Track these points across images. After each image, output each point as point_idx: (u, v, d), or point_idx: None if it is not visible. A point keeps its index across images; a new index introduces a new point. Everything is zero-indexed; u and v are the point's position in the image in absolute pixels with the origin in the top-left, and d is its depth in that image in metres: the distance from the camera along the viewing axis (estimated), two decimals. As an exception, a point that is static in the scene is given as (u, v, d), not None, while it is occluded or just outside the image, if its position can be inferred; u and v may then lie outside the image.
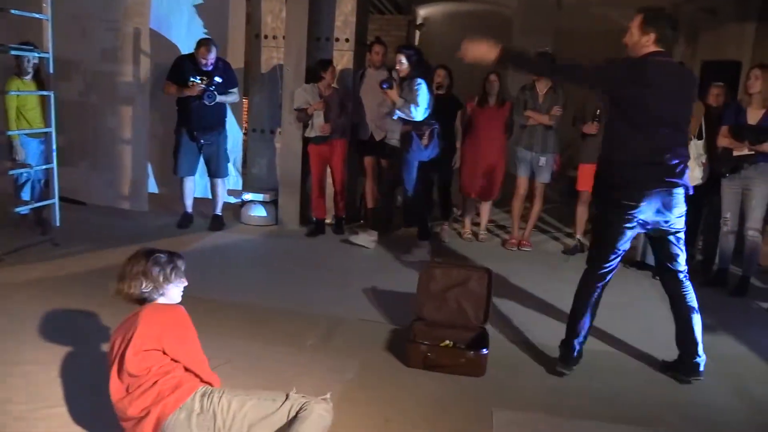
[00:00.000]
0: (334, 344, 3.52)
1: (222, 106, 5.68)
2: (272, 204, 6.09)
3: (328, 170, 5.92)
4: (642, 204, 3.07)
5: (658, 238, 3.28)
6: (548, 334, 3.83)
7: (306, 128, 5.78)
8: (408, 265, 5.06)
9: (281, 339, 3.52)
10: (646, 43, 3.06)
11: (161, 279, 2.28)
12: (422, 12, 11.65)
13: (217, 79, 5.48)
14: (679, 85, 3.12)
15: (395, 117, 5.25)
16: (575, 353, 3.30)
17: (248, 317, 3.80)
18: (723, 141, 4.85)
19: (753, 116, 4.79)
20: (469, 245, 5.91)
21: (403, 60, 5.13)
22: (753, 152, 4.71)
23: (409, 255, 5.38)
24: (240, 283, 4.53)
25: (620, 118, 3.11)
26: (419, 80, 5.11)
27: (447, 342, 3.38)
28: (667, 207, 3.11)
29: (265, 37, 6.22)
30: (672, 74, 3.09)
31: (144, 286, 2.26)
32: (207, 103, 5.43)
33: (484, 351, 3.18)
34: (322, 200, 5.96)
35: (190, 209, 5.87)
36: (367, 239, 5.53)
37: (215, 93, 5.44)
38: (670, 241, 3.24)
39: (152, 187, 6.58)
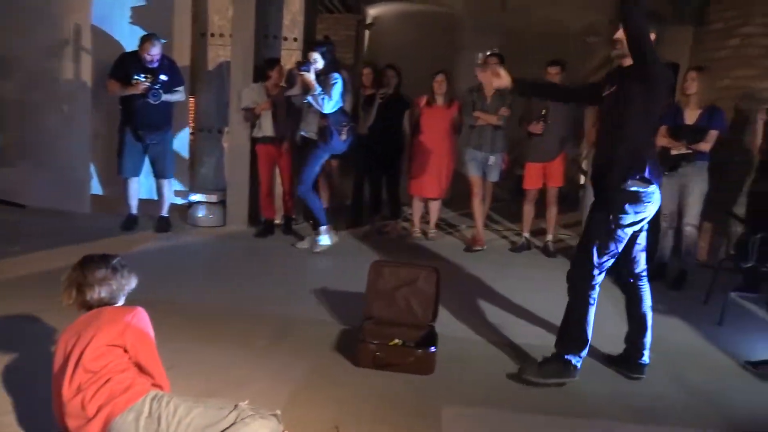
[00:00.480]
0: (283, 345, 3.49)
1: (168, 105, 5.56)
2: (220, 205, 6.01)
3: (277, 170, 5.88)
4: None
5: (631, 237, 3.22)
6: (496, 330, 3.91)
7: (254, 128, 5.72)
8: (358, 264, 5.05)
9: (229, 340, 3.47)
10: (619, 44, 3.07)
11: (122, 284, 2.30)
12: (372, 11, 11.66)
13: (163, 77, 5.34)
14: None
15: (305, 101, 5.10)
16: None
17: (195, 319, 3.74)
18: (662, 141, 5.03)
19: (690, 116, 4.99)
20: (417, 244, 5.95)
21: (318, 57, 5.02)
22: (690, 151, 4.90)
23: (360, 254, 5.39)
24: (186, 284, 4.45)
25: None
26: (336, 75, 5.03)
27: (396, 341, 3.40)
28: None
29: (212, 35, 6.12)
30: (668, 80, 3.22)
31: (104, 293, 2.26)
32: (152, 101, 5.30)
33: (433, 349, 3.22)
34: (270, 200, 5.91)
35: (135, 211, 5.74)
36: (324, 240, 5.40)
37: (160, 91, 5.31)
38: (637, 241, 3.25)
39: (96, 188, 6.40)
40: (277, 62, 5.72)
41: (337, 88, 5.01)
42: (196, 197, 6.03)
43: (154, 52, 5.27)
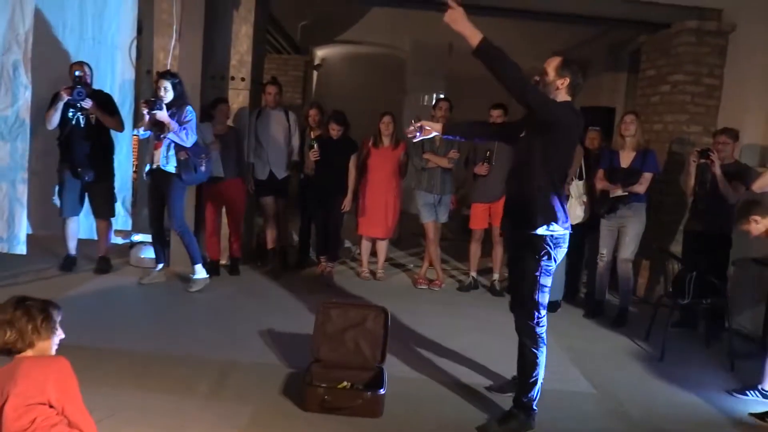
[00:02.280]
0: (227, 390, 3.40)
1: (107, 142, 5.42)
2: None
3: (223, 210, 5.81)
4: None
5: None
6: (445, 370, 3.90)
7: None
8: (306, 304, 5.01)
9: (170, 387, 3.35)
10: (561, 86, 3.14)
11: (29, 330, 2.11)
12: (320, 53, 11.81)
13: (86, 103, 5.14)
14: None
15: (162, 137, 5.00)
16: None
17: (134, 365, 3.60)
18: (599, 183, 5.22)
19: (625, 159, 5.20)
20: (366, 284, 5.93)
21: (168, 87, 4.95)
22: (626, 193, 5.10)
23: (308, 294, 5.33)
24: (126, 328, 4.28)
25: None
26: (190, 109, 5.04)
27: (344, 383, 3.35)
28: None
29: (157, 74, 6.05)
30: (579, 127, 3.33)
31: (7, 336, 2.09)
32: (78, 100, 5.05)
33: (381, 391, 3.18)
34: (216, 240, 5.81)
35: (73, 251, 5.53)
36: (200, 274, 5.26)
37: (84, 91, 5.05)
38: None
39: (33, 227, 6.15)
40: (223, 101, 5.69)
41: (194, 121, 5.05)
42: (138, 237, 5.86)
43: (86, 71, 5.16)
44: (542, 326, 3.18)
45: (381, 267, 6.17)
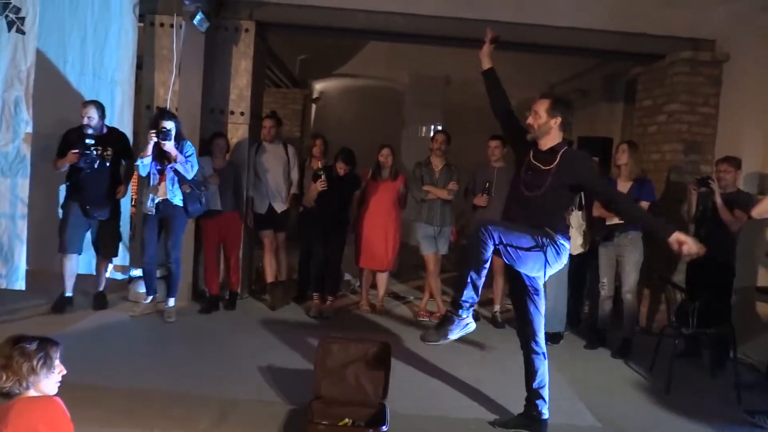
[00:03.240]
0: (228, 428, 3.34)
1: (118, 180, 5.42)
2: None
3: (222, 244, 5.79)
4: None
5: None
6: (448, 404, 3.84)
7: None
8: (306, 339, 4.95)
9: (170, 425, 3.30)
10: (554, 125, 3.30)
11: (25, 371, 2.05)
12: (318, 86, 11.92)
13: (101, 149, 5.14)
14: None
15: (168, 168, 5.09)
16: None
17: (133, 403, 3.54)
18: (597, 211, 5.22)
19: (622, 188, 5.21)
20: (367, 317, 5.88)
21: (172, 126, 5.01)
22: (623, 222, 5.09)
23: (307, 329, 5.28)
24: (125, 365, 4.22)
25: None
26: (189, 143, 5.18)
27: (346, 420, 3.30)
28: None
29: (157, 108, 6.10)
30: None
31: (3, 380, 2.04)
32: (84, 167, 5.08)
33: (384, 428, 3.13)
34: (215, 275, 5.78)
35: (70, 291, 5.36)
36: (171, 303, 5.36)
37: (93, 156, 5.08)
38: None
39: (29, 262, 6.11)
40: (221, 136, 5.71)
41: (195, 156, 5.19)
42: (137, 272, 5.83)
43: (92, 114, 5.15)
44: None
45: (381, 300, 6.13)
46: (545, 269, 3.26)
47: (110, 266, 5.75)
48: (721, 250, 4.81)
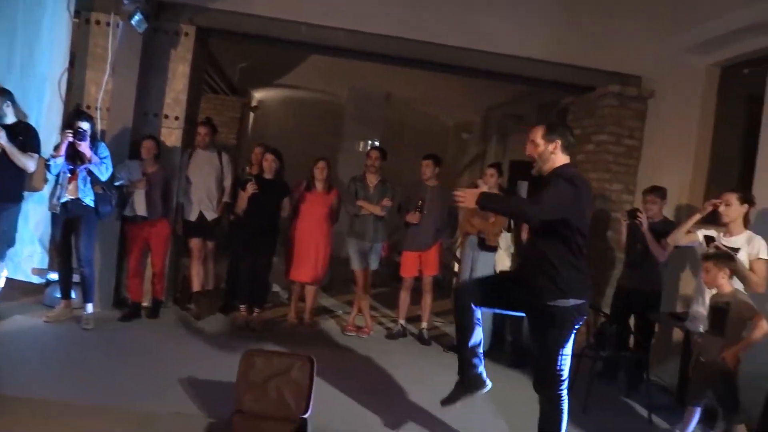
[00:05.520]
0: (142, 442, 3.23)
1: (12, 176, 4.95)
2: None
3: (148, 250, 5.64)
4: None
5: None
6: (371, 421, 3.84)
7: (125, 206, 5.47)
8: (230, 351, 4.86)
9: (80, 439, 3.17)
10: (554, 150, 3.22)
11: None
12: (257, 95, 11.82)
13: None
14: (591, 199, 3.38)
15: (79, 169, 5.00)
16: None
17: (47, 415, 3.38)
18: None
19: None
20: (294, 330, 5.83)
21: (88, 127, 4.96)
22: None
23: (232, 341, 5.18)
24: (36, 375, 4.03)
25: (573, 232, 3.13)
26: (104, 144, 5.15)
27: (266, 435, 3.25)
28: None
29: (88, 107, 5.89)
30: (587, 186, 3.29)
31: None
32: None
33: (304, 443, 3.10)
34: (138, 282, 5.61)
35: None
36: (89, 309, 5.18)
37: None
38: None
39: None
40: (150, 138, 5.56)
41: (110, 158, 5.12)
42: (55, 275, 5.58)
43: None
44: (564, 389, 3.24)
45: (309, 313, 6.09)
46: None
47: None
48: (648, 278, 5.05)
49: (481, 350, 3.45)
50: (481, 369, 3.43)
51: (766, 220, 4.40)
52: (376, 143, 9.87)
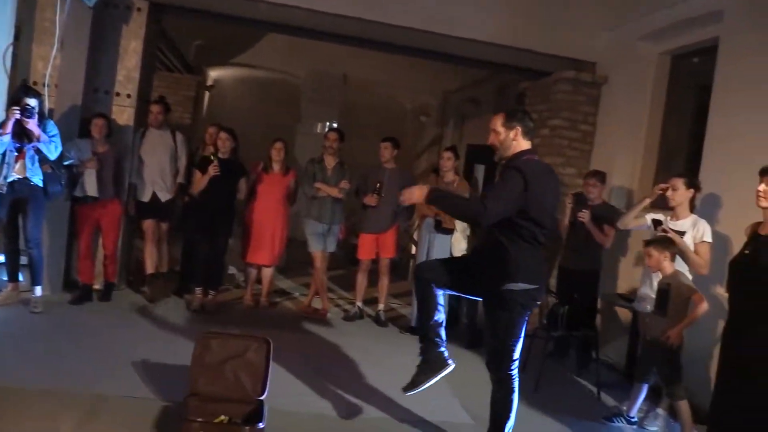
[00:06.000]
0: (95, 427, 3.18)
1: None
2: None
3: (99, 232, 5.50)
4: None
5: None
6: (327, 402, 3.86)
7: (75, 186, 5.32)
8: (185, 334, 4.81)
9: (31, 425, 3.10)
10: (515, 137, 3.23)
11: None
12: (213, 74, 11.58)
13: None
14: (554, 183, 3.38)
15: (26, 147, 4.85)
16: None
17: (-11, 400, 3.30)
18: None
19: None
20: (250, 313, 5.79)
21: (34, 104, 4.78)
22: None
23: (187, 323, 5.12)
24: (-18, 359, 3.92)
25: (527, 221, 3.13)
26: (52, 122, 5.00)
27: (222, 418, 3.23)
28: None
29: (35, 83, 5.68)
30: (547, 172, 3.30)
31: None
32: None
33: (260, 425, 3.09)
34: (89, 264, 5.48)
35: None
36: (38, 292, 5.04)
37: None
38: None
39: None
40: (100, 116, 5.39)
41: (59, 136, 4.97)
42: (1, 258, 5.40)
43: None
44: (516, 369, 3.29)
45: (266, 295, 6.06)
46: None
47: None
48: (589, 259, 5.20)
49: (443, 330, 3.48)
50: (443, 348, 3.46)
51: (711, 204, 4.56)
52: (335, 125, 9.82)
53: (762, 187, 3.14)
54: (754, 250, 3.16)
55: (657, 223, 4.26)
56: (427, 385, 3.40)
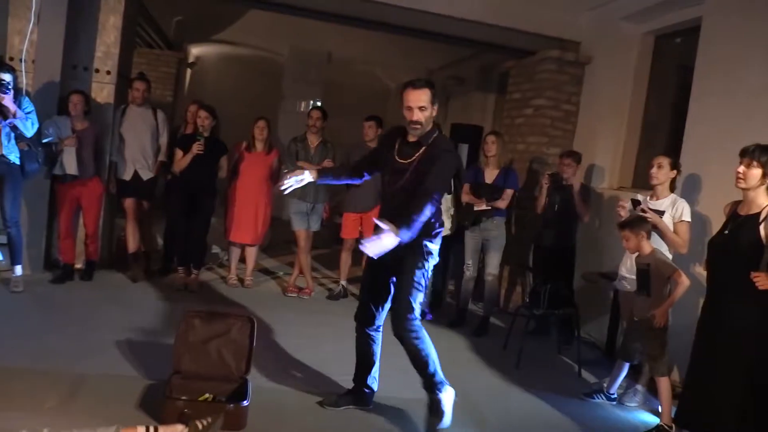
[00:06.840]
0: (78, 405, 3.17)
1: None
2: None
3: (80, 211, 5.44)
4: None
5: None
6: (312, 380, 3.88)
7: (54, 165, 5.25)
8: (168, 313, 4.80)
9: (13, 402, 3.07)
10: (434, 113, 3.33)
11: None
12: (195, 51, 11.42)
13: None
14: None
15: (5, 129, 4.78)
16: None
17: (-30, 379, 3.27)
18: (465, 197, 5.46)
19: (489, 176, 5.50)
20: (234, 291, 5.79)
21: (10, 80, 4.69)
22: (489, 207, 5.37)
23: (170, 302, 5.10)
24: (-38, 338, 3.88)
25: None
26: (27, 99, 4.91)
27: (206, 395, 3.24)
28: None
29: (11, 59, 5.56)
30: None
31: None
32: None
33: (245, 403, 3.11)
34: (70, 243, 5.43)
35: None
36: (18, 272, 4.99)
37: None
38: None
39: None
40: (78, 92, 5.30)
41: (35, 113, 4.87)
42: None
43: None
44: (417, 318, 3.29)
45: (250, 274, 6.05)
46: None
47: None
48: (563, 238, 5.32)
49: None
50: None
51: (691, 185, 4.61)
52: (318, 103, 9.74)
53: (741, 168, 3.18)
54: (734, 230, 3.21)
55: (636, 203, 4.29)
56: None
